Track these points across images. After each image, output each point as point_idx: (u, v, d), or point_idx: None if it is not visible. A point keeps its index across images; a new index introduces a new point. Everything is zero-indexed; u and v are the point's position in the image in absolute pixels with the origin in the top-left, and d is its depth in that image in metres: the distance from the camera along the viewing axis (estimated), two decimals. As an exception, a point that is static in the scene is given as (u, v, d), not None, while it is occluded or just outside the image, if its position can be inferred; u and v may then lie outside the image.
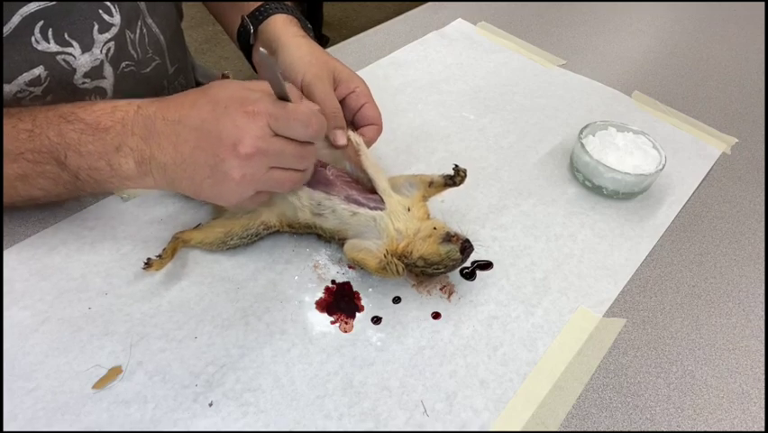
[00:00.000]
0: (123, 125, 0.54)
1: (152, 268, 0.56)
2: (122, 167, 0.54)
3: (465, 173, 0.62)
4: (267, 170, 0.53)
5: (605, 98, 0.92)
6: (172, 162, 0.53)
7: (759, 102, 0.97)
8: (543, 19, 1.12)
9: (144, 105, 0.55)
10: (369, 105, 0.67)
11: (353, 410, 0.50)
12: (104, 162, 0.54)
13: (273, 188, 0.55)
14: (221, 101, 0.52)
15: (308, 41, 0.69)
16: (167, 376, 0.51)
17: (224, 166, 0.52)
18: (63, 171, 0.54)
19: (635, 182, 0.72)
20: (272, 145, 0.52)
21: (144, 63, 0.75)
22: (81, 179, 0.54)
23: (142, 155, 0.54)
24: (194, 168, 0.53)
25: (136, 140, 0.54)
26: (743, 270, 0.69)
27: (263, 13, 0.72)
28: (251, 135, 0.51)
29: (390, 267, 0.56)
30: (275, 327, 0.55)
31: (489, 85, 0.92)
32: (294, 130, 0.52)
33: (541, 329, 0.59)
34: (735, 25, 1.18)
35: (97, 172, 0.54)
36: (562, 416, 0.52)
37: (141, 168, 0.54)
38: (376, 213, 0.58)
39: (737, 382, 0.57)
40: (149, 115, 0.54)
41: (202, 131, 0.52)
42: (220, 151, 0.51)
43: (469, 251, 0.56)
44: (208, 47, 2.52)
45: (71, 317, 0.53)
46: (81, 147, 0.53)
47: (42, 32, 0.62)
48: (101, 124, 0.54)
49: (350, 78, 0.67)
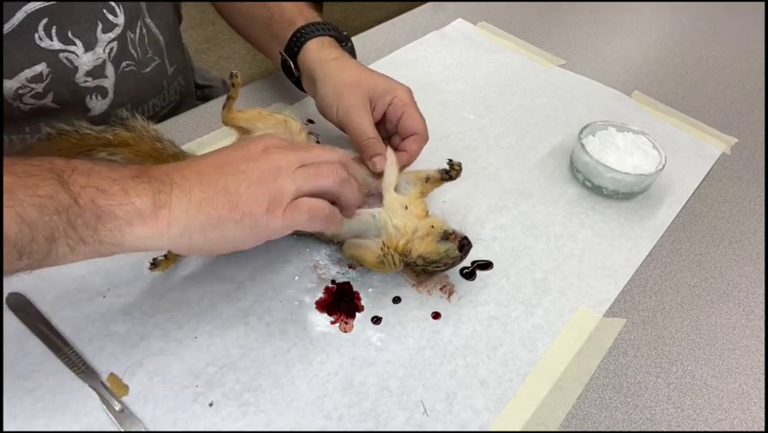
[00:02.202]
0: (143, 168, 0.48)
1: (158, 268, 0.56)
2: (138, 196, 0.44)
3: (460, 166, 0.62)
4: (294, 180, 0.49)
5: (605, 98, 0.92)
6: (198, 187, 0.47)
7: (759, 102, 0.97)
8: (543, 19, 1.11)
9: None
10: (407, 113, 0.65)
11: (353, 410, 0.50)
12: (117, 187, 0.44)
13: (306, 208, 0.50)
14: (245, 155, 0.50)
15: (340, 65, 0.67)
16: (167, 376, 0.51)
17: (252, 172, 0.48)
18: (61, 191, 0.42)
19: (635, 182, 0.72)
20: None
21: (144, 63, 0.75)
22: (80, 205, 0.42)
23: (162, 183, 0.46)
24: (225, 186, 0.47)
25: (156, 173, 0.47)
26: (743, 270, 0.69)
27: (296, 44, 0.70)
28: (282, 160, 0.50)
29: (387, 259, 0.56)
30: (275, 327, 0.55)
31: (489, 85, 0.92)
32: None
33: (541, 329, 0.58)
34: (735, 25, 1.18)
35: (104, 196, 0.43)
36: (562, 416, 0.52)
37: (159, 198, 0.45)
38: (374, 210, 0.58)
39: (737, 382, 0.57)
40: (167, 170, 0.48)
41: (226, 159, 0.50)
42: (246, 159, 0.49)
43: (467, 248, 0.56)
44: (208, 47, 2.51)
45: (71, 316, 0.53)
46: (92, 171, 0.44)
47: (46, 29, 0.62)
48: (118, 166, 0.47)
49: (387, 91, 0.65)
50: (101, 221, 0.43)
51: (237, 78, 0.62)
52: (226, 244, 0.48)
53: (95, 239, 0.43)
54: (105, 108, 0.73)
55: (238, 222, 0.46)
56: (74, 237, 0.42)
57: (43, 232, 0.41)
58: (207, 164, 0.49)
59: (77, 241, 0.42)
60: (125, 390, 0.49)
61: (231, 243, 0.48)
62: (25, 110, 0.67)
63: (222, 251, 0.50)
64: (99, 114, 0.72)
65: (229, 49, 2.51)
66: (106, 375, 0.50)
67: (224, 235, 0.47)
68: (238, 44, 2.50)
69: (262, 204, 0.47)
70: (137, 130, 0.60)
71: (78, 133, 0.59)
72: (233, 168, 0.48)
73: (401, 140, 0.66)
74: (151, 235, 0.45)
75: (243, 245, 0.49)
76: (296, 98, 0.82)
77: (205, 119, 0.78)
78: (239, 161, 0.49)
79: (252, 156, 0.50)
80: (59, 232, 0.41)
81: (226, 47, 2.52)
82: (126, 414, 0.48)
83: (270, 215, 0.47)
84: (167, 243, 0.46)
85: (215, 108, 0.80)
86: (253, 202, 0.47)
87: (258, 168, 0.49)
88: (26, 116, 0.68)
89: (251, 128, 0.63)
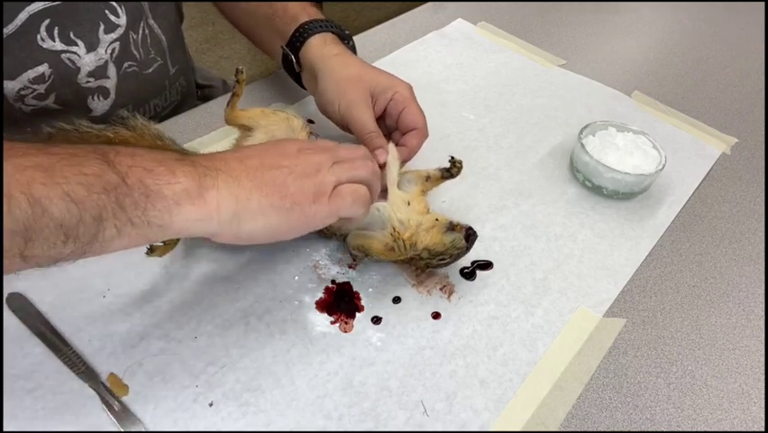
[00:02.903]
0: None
1: (155, 253, 0.56)
2: (185, 175, 0.44)
3: (461, 164, 0.63)
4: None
5: (605, 98, 0.92)
6: (245, 176, 0.48)
7: (759, 102, 0.97)
8: (543, 19, 1.11)
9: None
10: (407, 108, 0.66)
11: (353, 410, 0.50)
12: (163, 168, 0.43)
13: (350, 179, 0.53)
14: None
15: (342, 60, 0.68)
16: (167, 376, 0.51)
17: (294, 167, 0.50)
18: (108, 170, 0.41)
19: (635, 182, 0.72)
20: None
21: (147, 64, 0.76)
22: (128, 184, 0.41)
23: (206, 167, 0.46)
24: (272, 178, 0.48)
25: (200, 159, 0.48)
26: (743, 270, 0.69)
27: (299, 39, 0.70)
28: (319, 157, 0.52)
29: (398, 244, 0.56)
30: (275, 327, 0.55)
31: (489, 85, 0.92)
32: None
33: (541, 329, 0.58)
34: (735, 25, 1.18)
35: (151, 176, 0.42)
36: (562, 416, 0.52)
37: (205, 181, 0.45)
38: (379, 204, 0.58)
39: (737, 382, 0.57)
40: (208, 156, 0.49)
41: (264, 155, 0.51)
42: (285, 156, 0.51)
43: (473, 238, 0.56)
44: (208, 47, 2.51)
45: (71, 317, 0.53)
46: (135, 153, 0.44)
47: (48, 30, 0.62)
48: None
49: (388, 87, 0.66)
50: (150, 201, 0.41)
51: (242, 75, 0.62)
52: (271, 233, 0.48)
53: (143, 220, 0.41)
54: (106, 109, 0.73)
55: (288, 210, 0.48)
56: (122, 218, 0.40)
57: (91, 211, 0.39)
58: (246, 156, 0.50)
59: (125, 222, 0.41)
60: (125, 390, 0.49)
61: (276, 231, 0.49)
62: (27, 111, 0.67)
63: (265, 240, 0.49)
64: (101, 114, 0.72)
65: (229, 49, 2.51)
66: (106, 375, 0.50)
67: (272, 223, 0.48)
68: (238, 44, 2.50)
69: (309, 195, 0.49)
70: (138, 129, 0.60)
71: (79, 132, 0.59)
72: (274, 163, 0.50)
73: (401, 135, 0.66)
74: (201, 218, 0.44)
75: (288, 234, 0.50)
76: (296, 98, 0.82)
77: (206, 119, 0.78)
78: (278, 157, 0.51)
79: (289, 154, 0.52)
80: (108, 212, 0.40)
81: (226, 47, 2.52)
82: (126, 414, 0.48)
83: (317, 204, 0.49)
84: (215, 227, 0.45)
85: (216, 108, 0.80)
86: (301, 193, 0.49)
87: (299, 164, 0.50)
88: (28, 117, 0.68)
89: (254, 126, 0.63)
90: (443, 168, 0.63)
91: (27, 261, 0.38)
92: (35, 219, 0.37)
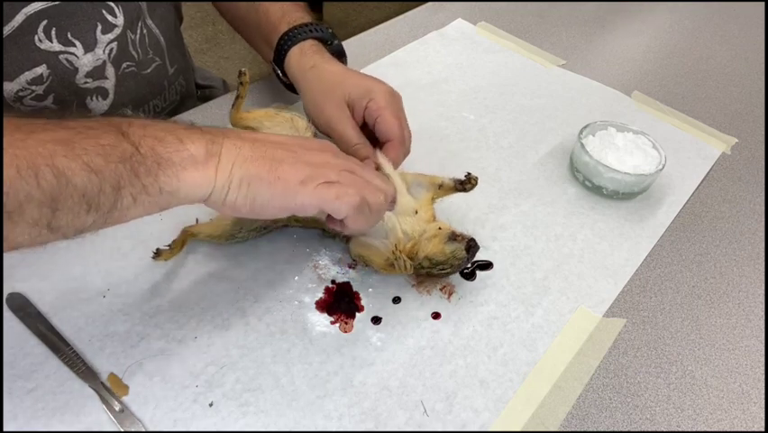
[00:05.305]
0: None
1: (161, 257, 0.57)
2: (193, 143, 0.46)
3: (476, 181, 0.62)
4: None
5: (605, 98, 0.92)
6: (250, 146, 0.49)
7: (759, 102, 0.97)
8: (543, 19, 1.11)
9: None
10: (381, 118, 0.62)
11: (353, 410, 0.50)
12: (172, 137, 0.45)
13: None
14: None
15: (316, 74, 0.66)
16: (167, 376, 0.51)
17: (303, 155, 0.50)
18: (123, 141, 0.43)
19: (635, 182, 0.72)
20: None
21: (145, 64, 0.76)
22: (142, 153, 0.43)
23: (214, 137, 0.47)
24: (273, 155, 0.49)
25: (208, 128, 0.49)
26: (743, 270, 0.69)
27: (281, 53, 0.70)
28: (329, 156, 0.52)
29: (399, 263, 0.56)
30: (275, 327, 0.55)
31: (488, 85, 0.92)
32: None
33: (541, 329, 0.59)
34: (735, 25, 1.18)
35: (161, 144, 0.44)
36: (562, 416, 0.52)
37: (212, 148, 0.46)
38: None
39: (737, 382, 0.57)
40: (221, 129, 0.50)
41: (283, 140, 0.52)
42: (301, 147, 0.51)
43: (474, 249, 0.56)
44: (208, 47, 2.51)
45: (71, 317, 0.53)
46: (147, 124, 0.45)
47: (46, 31, 0.62)
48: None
49: (363, 94, 0.63)
50: (161, 168, 0.43)
51: (245, 76, 0.62)
52: (249, 202, 0.48)
53: (155, 187, 0.43)
54: (105, 109, 0.73)
55: (271, 183, 0.47)
56: (137, 186, 0.42)
57: (110, 180, 0.41)
58: (264, 137, 0.51)
59: (140, 190, 0.43)
60: (125, 390, 0.49)
61: (260, 204, 0.48)
62: (26, 112, 0.67)
63: (247, 211, 0.49)
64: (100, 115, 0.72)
65: (229, 49, 2.51)
66: (106, 375, 0.50)
67: (253, 193, 0.47)
68: (238, 44, 2.50)
69: (299, 176, 0.48)
70: None
71: None
72: (286, 146, 0.50)
73: (382, 145, 0.63)
74: (201, 183, 0.45)
75: (267, 208, 0.49)
76: (296, 98, 0.82)
77: (206, 119, 0.78)
78: (294, 145, 0.51)
79: (308, 147, 0.52)
80: (125, 180, 0.42)
81: (226, 47, 2.52)
82: (126, 414, 0.48)
83: (303, 187, 0.48)
84: (210, 192, 0.46)
85: (215, 108, 0.80)
86: (292, 171, 0.48)
87: (310, 155, 0.50)
88: None
89: (259, 127, 0.64)
90: (457, 179, 0.61)
91: (54, 232, 0.41)
92: (60, 190, 0.39)
